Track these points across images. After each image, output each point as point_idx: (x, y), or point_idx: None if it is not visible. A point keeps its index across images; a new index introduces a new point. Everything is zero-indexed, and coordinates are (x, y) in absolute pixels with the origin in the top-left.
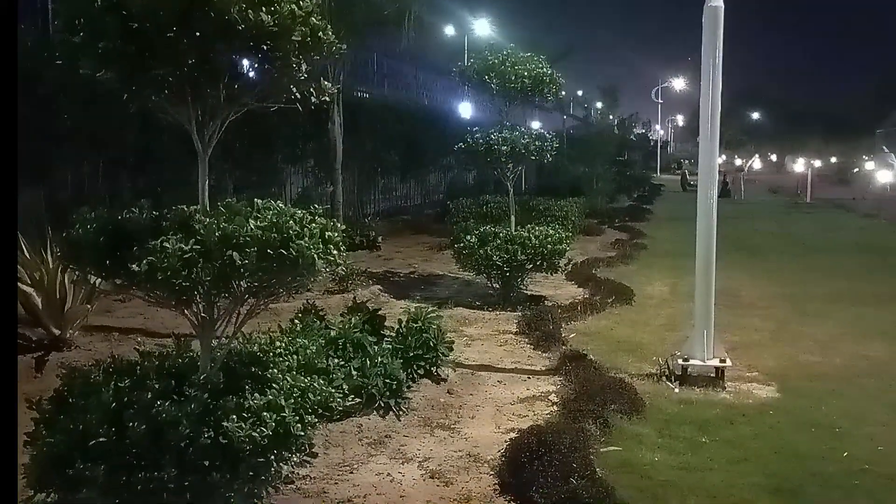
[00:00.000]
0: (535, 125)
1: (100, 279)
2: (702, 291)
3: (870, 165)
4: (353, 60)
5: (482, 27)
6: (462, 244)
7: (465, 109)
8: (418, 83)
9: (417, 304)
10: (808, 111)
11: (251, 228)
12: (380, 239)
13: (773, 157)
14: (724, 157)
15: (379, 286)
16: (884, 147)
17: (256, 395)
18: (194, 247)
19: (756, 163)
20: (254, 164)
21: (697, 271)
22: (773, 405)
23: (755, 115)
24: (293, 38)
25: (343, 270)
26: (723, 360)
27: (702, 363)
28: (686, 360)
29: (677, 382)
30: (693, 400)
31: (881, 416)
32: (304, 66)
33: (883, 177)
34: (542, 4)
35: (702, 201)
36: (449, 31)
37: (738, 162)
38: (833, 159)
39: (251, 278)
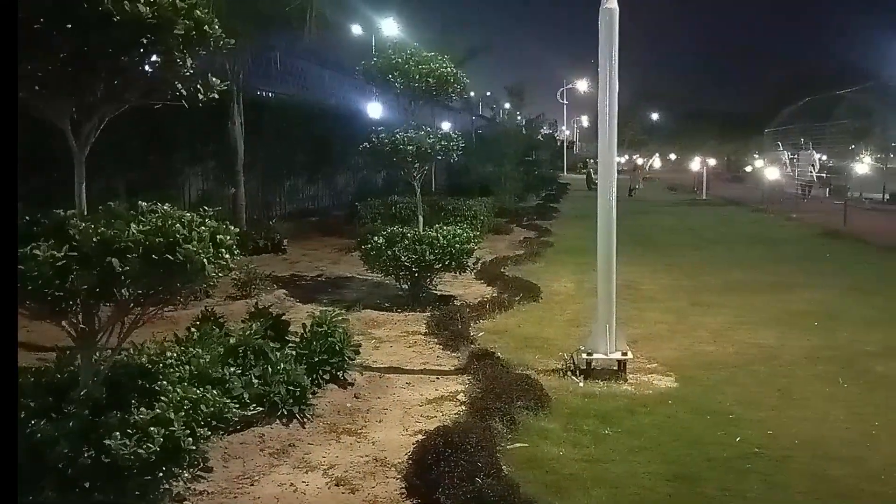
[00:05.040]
0: (446, 125)
1: None
2: (603, 287)
3: (759, 163)
4: (256, 58)
5: (389, 27)
6: (370, 245)
7: (375, 109)
8: (325, 83)
9: (324, 308)
10: (705, 112)
11: (132, 233)
12: (285, 241)
13: (673, 156)
14: (626, 156)
15: (284, 290)
16: (778, 143)
17: (143, 409)
18: (69, 253)
19: (656, 161)
20: (150, 165)
21: (599, 267)
22: (672, 395)
23: (655, 116)
24: (175, 31)
25: (237, 274)
26: (624, 353)
27: (605, 357)
28: (590, 354)
29: (582, 376)
30: (597, 393)
31: (771, 401)
32: (189, 61)
33: (771, 174)
34: (450, 6)
35: (602, 199)
36: (356, 30)
37: (640, 161)
38: (727, 158)
39: (134, 286)
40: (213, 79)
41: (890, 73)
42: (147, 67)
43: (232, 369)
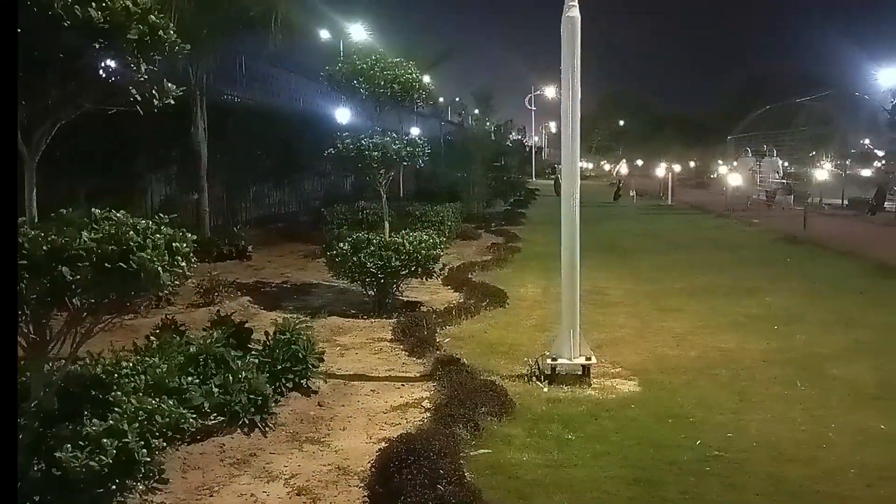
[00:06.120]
0: (415, 131)
1: None
2: (568, 292)
3: (723, 170)
4: (220, 63)
5: (358, 32)
6: (335, 251)
7: (343, 115)
8: (292, 87)
9: (288, 315)
10: (670, 118)
11: (84, 241)
12: (250, 248)
13: (640, 162)
14: (594, 162)
15: (248, 297)
16: (747, 149)
17: (95, 420)
18: (18, 262)
19: (623, 168)
20: (112, 170)
21: (563, 273)
22: (635, 399)
23: (621, 122)
24: (129, 36)
25: (196, 281)
26: (588, 358)
27: (569, 362)
28: (554, 359)
29: (546, 382)
30: (561, 398)
31: (731, 405)
32: (143, 66)
33: (734, 180)
34: (420, 11)
35: (565, 204)
36: (325, 34)
37: (608, 167)
38: (692, 164)
39: (86, 294)
40: (169, 84)
41: (847, 81)
42: (101, 72)
43: (191, 378)
